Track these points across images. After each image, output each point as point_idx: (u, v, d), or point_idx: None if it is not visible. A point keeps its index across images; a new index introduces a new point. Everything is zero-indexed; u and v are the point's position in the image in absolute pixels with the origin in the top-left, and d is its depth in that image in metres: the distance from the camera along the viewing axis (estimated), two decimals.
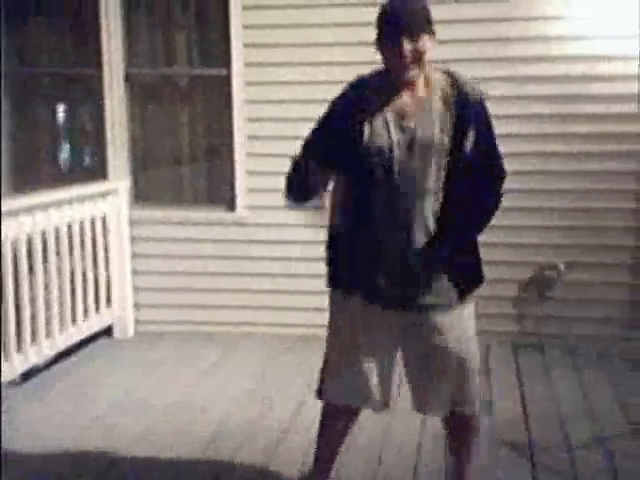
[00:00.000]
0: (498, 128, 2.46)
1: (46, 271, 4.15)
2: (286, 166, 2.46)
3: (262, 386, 4.07)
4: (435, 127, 2.33)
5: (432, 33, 2.33)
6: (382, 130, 2.34)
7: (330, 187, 2.48)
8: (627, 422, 3.54)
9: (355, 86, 2.44)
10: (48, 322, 4.16)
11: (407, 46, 2.27)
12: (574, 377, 4.16)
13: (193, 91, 5.11)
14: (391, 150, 2.33)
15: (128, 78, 4.99)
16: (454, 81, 2.39)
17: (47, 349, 4.18)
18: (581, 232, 4.62)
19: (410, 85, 2.36)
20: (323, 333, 2.62)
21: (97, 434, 3.48)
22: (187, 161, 5.16)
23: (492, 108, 2.44)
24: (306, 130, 2.50)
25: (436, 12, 2.38)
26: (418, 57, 2.30)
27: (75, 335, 4.46)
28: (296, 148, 2.48)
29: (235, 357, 4.56)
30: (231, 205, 4.94)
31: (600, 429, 3.47)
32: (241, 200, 4.90)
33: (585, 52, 4.49)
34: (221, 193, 5.01)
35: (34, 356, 4.06)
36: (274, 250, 4.87)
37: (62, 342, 4.33)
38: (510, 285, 4.71)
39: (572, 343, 4.62)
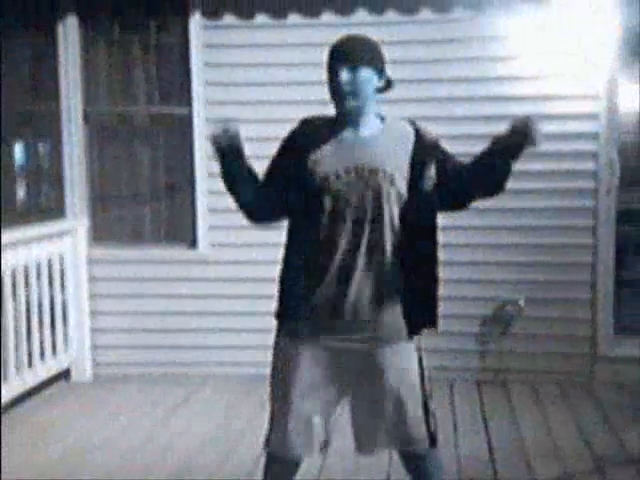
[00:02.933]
0: None
1: (1, 313, 4.05)
2: None
3: (226, 428, 3.99)
4: (384, 161, 2.35)
5: (378, 70, 2.37)
6: (326, 160, 2.36)
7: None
8: (591, 458, 3.55)
9: (303, 122, 2.48)
10: (4, 365, 4.05)
11: (344, 76, 2.32)
12: (538, 413, 4.17)
13: (153, 129, 5.09)
14: (335, 178, 2.34)
15: (86, 116, 4.95)
16: (412, 125, 2.45)
17: (2, 393, 4.05)
18: (540, 268, 4.67)
19: (355, 121, 2.39)
20: None
21: (57, 476, 3.38)
22: (147, 199, 5.11)
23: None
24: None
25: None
26: (356, 89, 2.33)
27: (31, 379, 4.34)
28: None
29: (198, 399, 4.48)
30: (193, 243, 4.90)
31: (565, 466, 3.47)
32: (203, 238, 4.87)
33: (537, 92, 4.57)
34: (182, 231, 4.97)
35: None
36: (237, 288, 4.82)
37: (18, 386, 4.21)
38: (472, 321, 4.73)
39: (534, 378, 4.64)
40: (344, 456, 3.44)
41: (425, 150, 2.40)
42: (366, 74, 2.34)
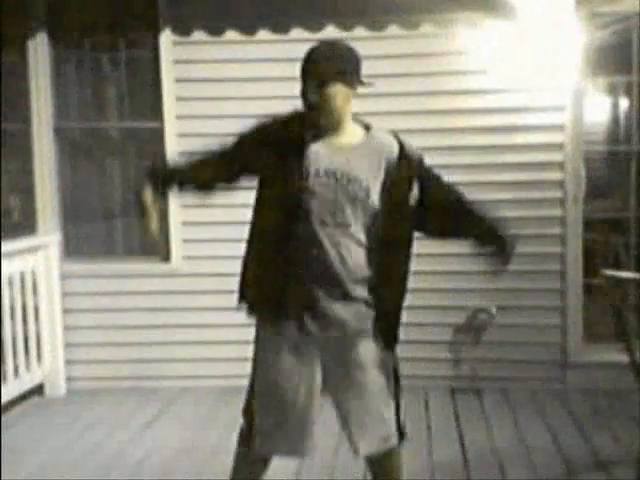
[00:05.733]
0: None
1: None
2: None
3: (201, 441, 3.99)
4: (362, 170, 2.37)
5: (349, 80, 2.35)
6: (309, 157, 2.37)
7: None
8: (563, 464, 3.60)
9: (293, 116, 2.47)
10: None
11: (313, 92, 2.33)
12: (510, 419, 4.21)
13: (125, 144, 5.09)
14: (315, 178, 2.36)
15: (58, 132, 4.95)
16: (396, 138, 2.47)
17: None
18: (511, 276, 4.70)
19: (334, 128, 2.40)
20: None
21: None
22: (120, 213, 5.11)
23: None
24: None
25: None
26: (325, 105, 2.34)
27: (4, 395, 4.31)
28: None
29: (173, 412, 4.47)
30: (166, 256, 4.90)
31: (538, 471, 3.51)
32: (176, 251, 4.87)
33: (504, 104, 4.64)
34: (155, 244, 4.96)
35: None
36: (211, 300, 4.83)
37: None
38: (445, 329, 4.78)
39: (507, 385, 4.70)
40: (321, 456, 3.47)
41: (407, 165, 2.42)
42: (334, 88, 2.33)
